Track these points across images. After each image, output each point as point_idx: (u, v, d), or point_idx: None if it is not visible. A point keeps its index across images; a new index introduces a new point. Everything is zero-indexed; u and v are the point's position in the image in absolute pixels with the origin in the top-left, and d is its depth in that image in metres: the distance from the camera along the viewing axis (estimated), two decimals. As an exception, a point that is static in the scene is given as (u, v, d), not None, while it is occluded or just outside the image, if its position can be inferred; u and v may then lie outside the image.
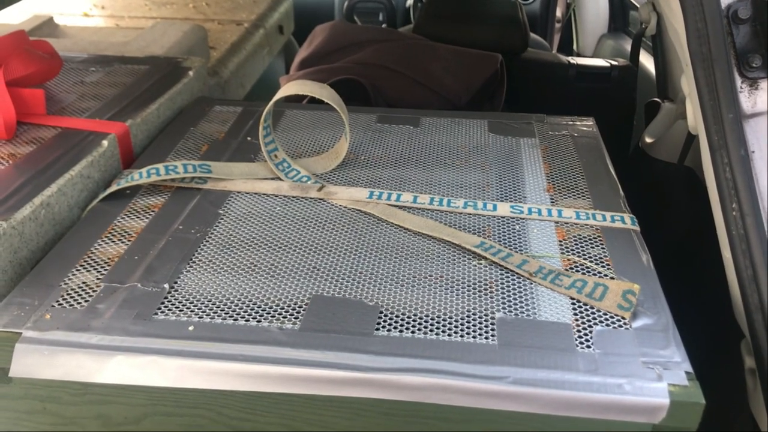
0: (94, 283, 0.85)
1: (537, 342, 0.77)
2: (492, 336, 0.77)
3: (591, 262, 0.91)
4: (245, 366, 0.74)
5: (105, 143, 1.09)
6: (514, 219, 1.00)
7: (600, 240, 0.95)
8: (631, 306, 0.81)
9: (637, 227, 0.98)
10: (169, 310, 0.81)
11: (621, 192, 1.07)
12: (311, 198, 1.05)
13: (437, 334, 0.78)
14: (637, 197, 1.16)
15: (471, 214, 1.01)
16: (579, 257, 0.92)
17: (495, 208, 1.02)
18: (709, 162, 0.91)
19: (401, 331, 0.78)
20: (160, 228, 0.96)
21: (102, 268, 0.87)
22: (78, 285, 0.84)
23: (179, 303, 0.82)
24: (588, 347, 0.76)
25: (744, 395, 0.92)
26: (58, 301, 0.81)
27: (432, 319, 0.80)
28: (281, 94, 1.10)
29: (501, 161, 1.17)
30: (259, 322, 0.79)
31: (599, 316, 0.81)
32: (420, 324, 0.79)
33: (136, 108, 1.21)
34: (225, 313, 0.80)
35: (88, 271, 0.87)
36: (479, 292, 0.85)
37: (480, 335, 0.78)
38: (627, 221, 0.99)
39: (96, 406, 0.77)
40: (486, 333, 0.78)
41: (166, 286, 0.84)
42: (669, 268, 1.02)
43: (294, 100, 1.50)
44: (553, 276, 0.87)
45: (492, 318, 0.80)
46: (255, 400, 0.75)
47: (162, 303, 0.81)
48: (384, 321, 0.79)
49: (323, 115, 1.33)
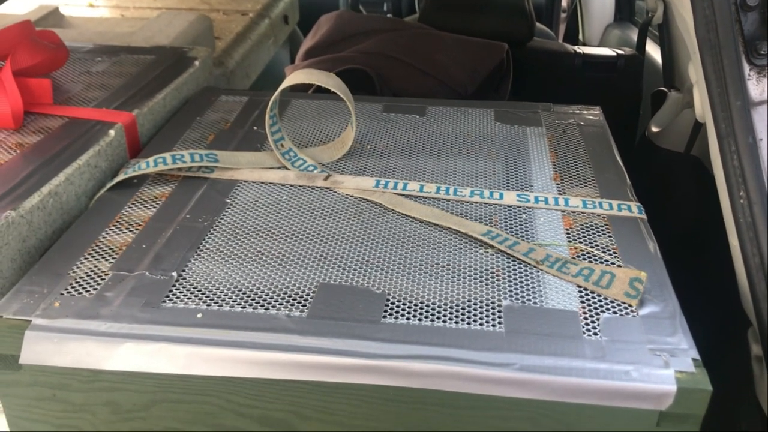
0: (102, 272, 0.85)
1: (544, 329, 0.77)
2: (499, 323, 0.78)
3: (598, 250, 0.91)
4: (253, 353, 0.74)
5: (112, 133, 1.09)
6: (520, 208, 1.00)
7: (607, 228, 0.95)
8: (638, 293, 0.81)
9: (644, 215, 0.98)
10: (178, 298, 0.81)
11: (628, 180, 1.07)
12: (318, 187, 1.05)
13: (444, 321, 0.78)
14: (644, 186, 1.16)
15: (478, 202, 1.01)
16: (586, 245, 0.92)
17: (501, 196, 1.02)
18: (717, 150, 0.91)
19: (408, 319, 0.78)
20: (167, 217, 0.96)
21: (110, 256, 0.88)
22: (86, 273, 0.85)
23: (187, 291, 0.82)
24: (595, 334, 0.76)
25: (750, 382, 0.92)
26: (66, 289, 0.82)
27: (439, 307, 0.80)
28: (288, 82, 1.10)
29: (507, 150, 1.17)
30: (267, 309, 0.79)
31: (606, 303, 0.81)
32: (427, 311, 0.79)
33: (142, 98, 1.22)
34: (233, 301, 0.80)
35: (96, 260, 0.87)
36: (486, 280, 0.85)
37: (487, 323, 0.78)
38: (634, 209, 0.99)
39: (105, 393, 0.78)
40: (493, 320, 0.78)
41: (174, 274, 0.84)
42: (676, 257, 1.02)
43: (300, 89, 1.51)
44: (560, 264, 0.87)
45: (499, 306, 0.80)
46: (263, 386, 0.75)
47: (170, 291, 0.82)
48: (391, 308, 0.80)
49: (329, 105, 1.32)
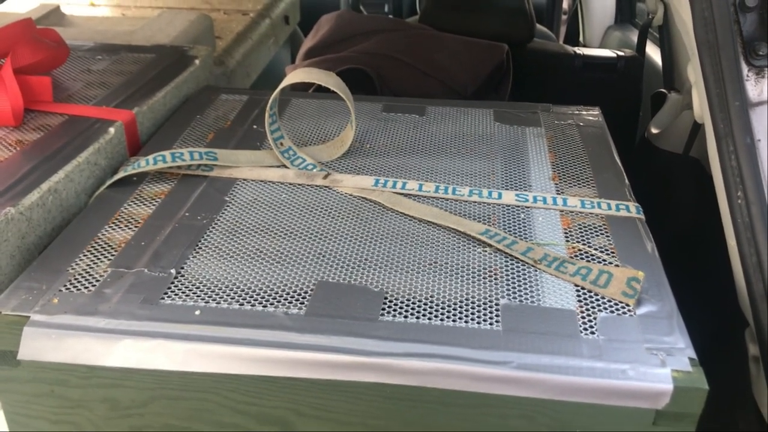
0: (101, 268, 0.85)
1: (541, 328, 0.77)
2: (496, 322, 0.78)
3: (596, 250, 0.91)
4: (251, 350, 0.74)
5: (112, 130, 1.09)
6: (519, 207, 1.00)
7: (605, 228, 0.95)
8: (636, 293, 0.81)
9: (642, 216, 0.98)
10: (176, 294, 0.81)
11: (626, 181, 1.07)
12: (317, 185, 1.05)
13: (442, 319, 0.78)
14: (643, 187, 1.16)
15: (476, 202, 1.01)
16: (584, 245, 0.92)
17: (500, 196, 1.02)
18: (715, 150, 0.91)
19: (406, 317, 0.78)
20: (166, 214, 0.96)
21: (109, 253, 0.88)
22: (85, 270, 0.85)
23: (186, 288, 0.82)
24: (592, 333, 0.77)
25: (747, 382, 0.93)
26: (65, 286, 0.82)
27: (437, 305, 0.80)
28: (288, 81, 1.10)
29: (506, 150, 1.17)
30: (265, 307, 0.79)
31: (604, 302, 0.81)
32: (425, 310, 0.80)
33: (142, 96, 1.22)
34: (231, 298, 0.81)
35: (95, 257, 0.87)
36: (484, 278, 0.85)
37: (484, 321, 0.78)
38: (632, 210, 0.99)
39: (103, 389, 0.78)
40: (490, 319, 0.78)
41: (172, 271, 0.85)
42: (674, 257, 1.02)
43: (300, 88, 1.51)
44: (558, 263, 0.87)
45: (496, 304, 0.81)
46: (261, 384, 0.75)
47: (169, 288, 0.82)
48: (389, 306, 0.80)
49: (329, 104, 1.33)
